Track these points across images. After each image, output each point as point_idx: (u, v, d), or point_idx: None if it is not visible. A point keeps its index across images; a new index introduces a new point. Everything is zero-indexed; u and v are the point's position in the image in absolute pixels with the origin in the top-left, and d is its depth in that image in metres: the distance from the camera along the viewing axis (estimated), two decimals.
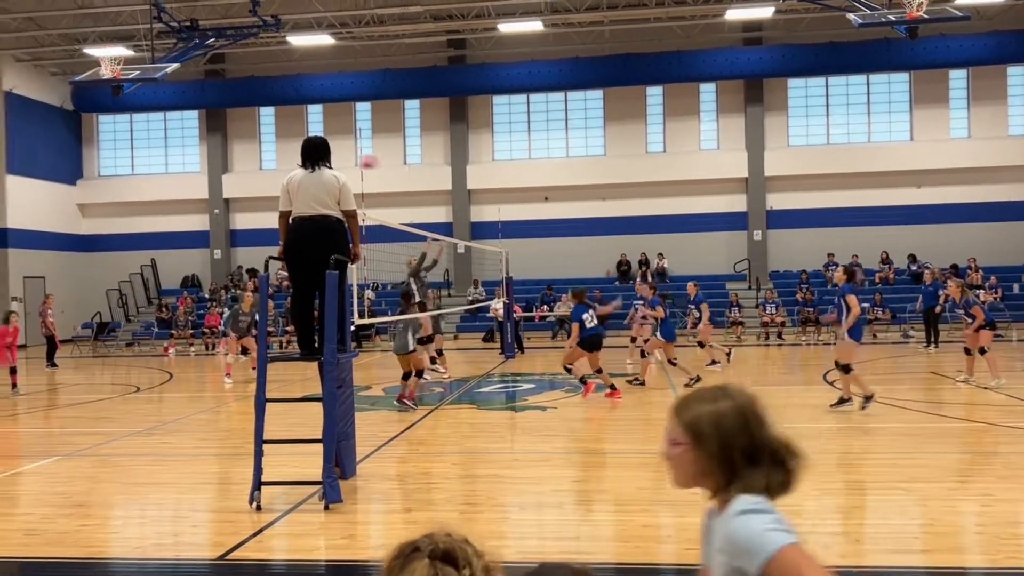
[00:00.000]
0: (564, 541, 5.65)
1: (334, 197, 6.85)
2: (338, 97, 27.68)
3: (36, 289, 26.66)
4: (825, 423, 9.86)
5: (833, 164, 26.88)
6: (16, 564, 5.45)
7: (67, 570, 5.33)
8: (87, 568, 5.42)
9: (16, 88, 26.78)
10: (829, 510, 6.18)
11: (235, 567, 5.30)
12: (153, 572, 5.34)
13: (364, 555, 5.55)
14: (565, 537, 5.73)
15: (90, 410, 12.75)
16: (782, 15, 24.40)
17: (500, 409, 11.83)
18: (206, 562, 5.41)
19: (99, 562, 5.56)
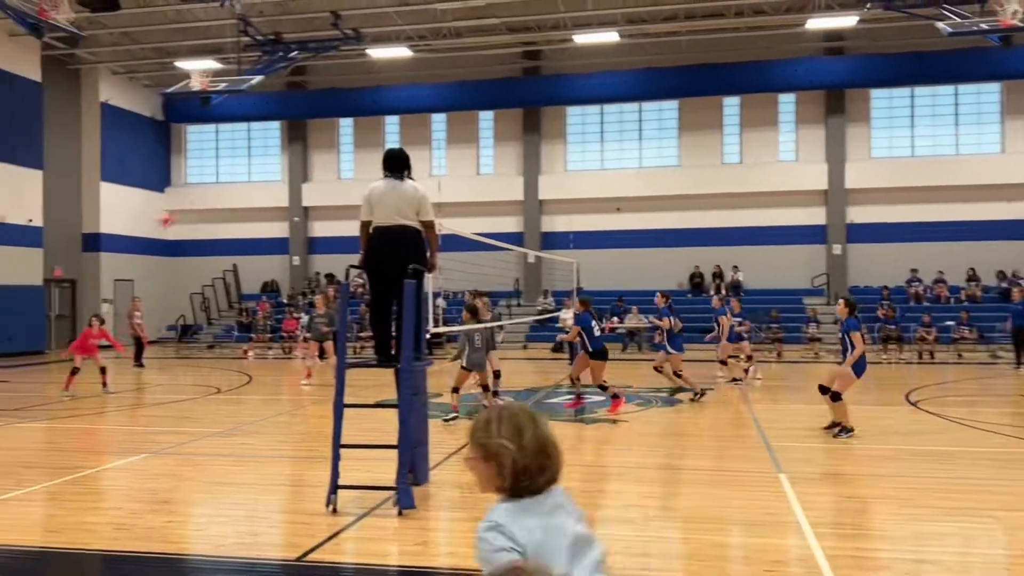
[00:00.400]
0: (633, 557, 5.59)
1: (413, 208, 6.97)
2: (415, 108, 28.16)
3: (125, 292, 27.84)
4: (906, 446, 9.53)
5: (918, 177, 26.02)
6: (107, 557, 5.69)
7: (155, 565, 5.54)
8: (174, 564, 5.62)
9: (111, 99, 28.08)
10: (916, 537, 5.97)
11: (313, 569, 5.42)
12: (236, 571, 5.50)
13: (437, 562, 5.61)
14: (634, 553, 5.67)
15: (174, 410, 13.22)
16: (866, 24, 23.78)
17: (569, 421, 11.79)
18: (286, 563, 5.54)
19: (185, 558, 5.77)
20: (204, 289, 29.49)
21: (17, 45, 23.89)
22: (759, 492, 7.32)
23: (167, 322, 28.29)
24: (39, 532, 6.28)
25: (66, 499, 7.23)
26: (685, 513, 6.65)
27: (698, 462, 8.63)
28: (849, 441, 9.95)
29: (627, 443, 9.94)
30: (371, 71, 28.35)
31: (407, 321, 6.71)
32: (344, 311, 7.28)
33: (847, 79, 25.42)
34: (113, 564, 5.62)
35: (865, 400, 14.43)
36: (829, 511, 6.75)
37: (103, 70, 27.65)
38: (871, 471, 8.21)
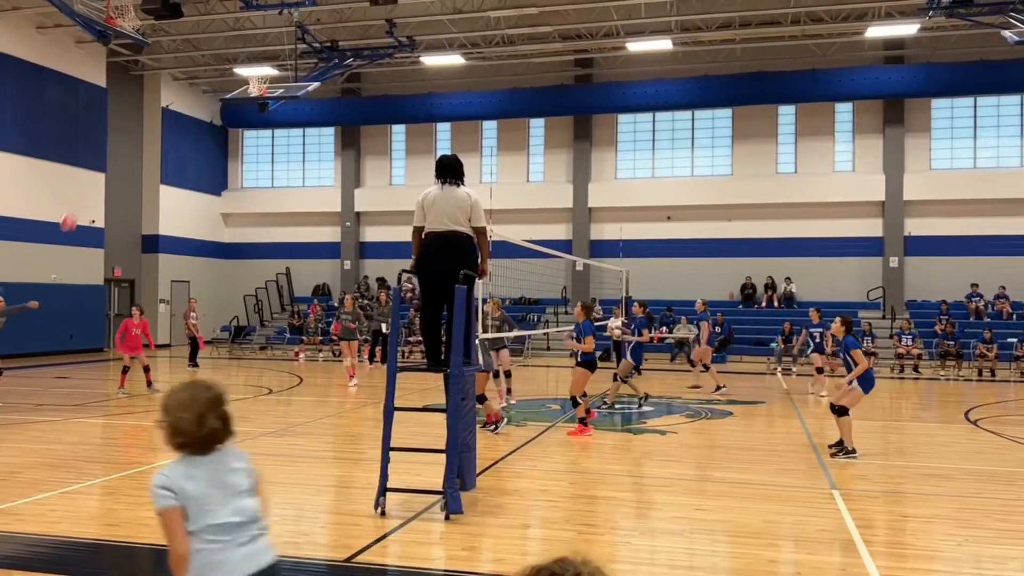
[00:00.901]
0: (679, 570, 5.52)
1: (465, 214, 7.01)
2: (466, 115, 28.35)
3: (182, 292, 28.52)
4: (965, 465, 9.25)
5: (980, 189, 25.31)
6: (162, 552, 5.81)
7: None
8: None
9: (172, 104, 28.84)
10: (974, 559, 5.79)
11: (361, 570, 5.46)
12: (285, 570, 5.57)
13: (484, 568, 5.61)
14: (679, 566, 5.60)
15: None
16: (928, 32, 23.25)
17: (617, 431, 11.71)
18: (334, 563, 5.60)
19: None
20: (257, 291, 30.04)
21: (84, 51, 24.70)
22: (812, 508, 7.17)
23: (221, 323, 28.88)
24: (98, 525, 6.45)
25: (123, 493, 7.41)
26: (734, 527, 6.55)
27: (748, 476, 8.49)
28: (905, 459, 9.70)
29: (675, 455, 9.83)
30: (424, 78, 28.62)
31: (457, 326, 6.74)
32: (396, 315, 7.34)
33: (907, 88, 24.85)
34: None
35: (924, 417, 14.08)
36: (884, 530, 6.59)
37: (165, 76, 28.42)
38: (928, 490, 7.99)
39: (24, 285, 22.77)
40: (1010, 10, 18.66)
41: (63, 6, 17.83)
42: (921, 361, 21.67)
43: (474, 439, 7.65)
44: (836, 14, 22.48)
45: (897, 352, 21.82)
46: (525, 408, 13.66)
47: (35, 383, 16.81)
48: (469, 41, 25.00)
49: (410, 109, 28.54)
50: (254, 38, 25.11)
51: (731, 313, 25.95)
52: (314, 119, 29.72)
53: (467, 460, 7.45)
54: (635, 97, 26.56)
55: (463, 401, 7.07)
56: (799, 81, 25.19)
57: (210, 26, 24.23)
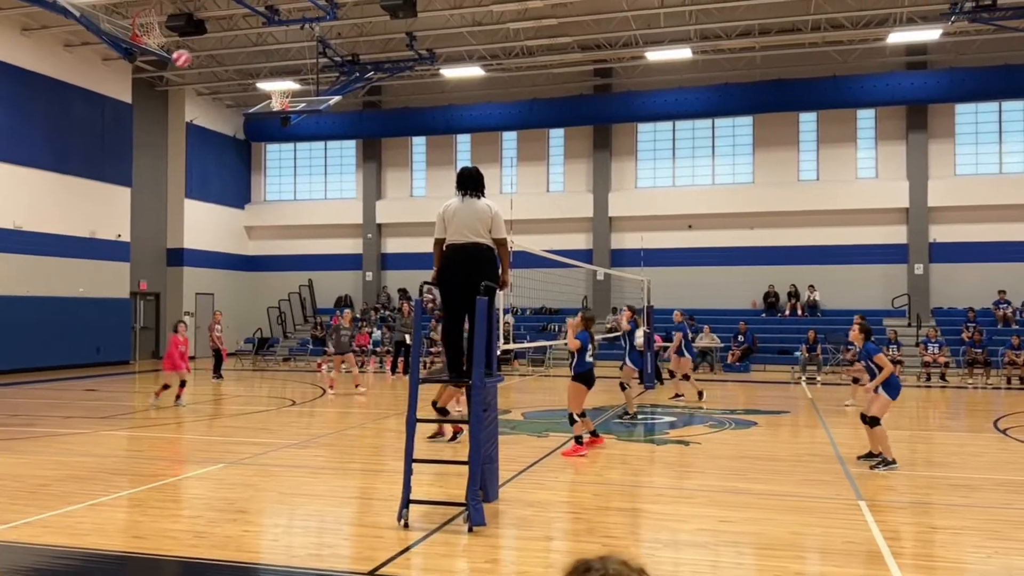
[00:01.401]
0: None
1: (486, 226, 7.04)
2: (486, 127, 28.46)
3: (206, 305, 28.80)
4: (995, 475, 9.11)
5: (1006, 195, 24.99)
6: (187, 564, 5.86)
7: (232, 573, 5.68)
8: (250, 573, 5.76)
9: (196, 119, 29.20)
10: (1005, 571, 5.69)
11: None
12: None
13: None
14: None
15: (251, 421, 13.57)
16: (950, 37, 23.05)
17: (640, 441, 11.66)
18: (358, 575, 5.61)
19: (261, 568, 5.90)
20: (280, 303, 30.26)
21: (109, 68, 25.10)
22: (838, 519, 7.10)
23: (245, 335, 29.11)
24: (125, 537, 6.52)
25: (149, 506, 7.48)
26: (760, 539, 6.49)
27: (773, 486, 8.41)
28: (932, 469, 9.57)
29: (699, 465, 9.76)
30: (444, 90, 28.78)
31: (478, 338, 6.75)
32: (418, 326, 7.37)
33: (930, 94, 24.62)
34: (193, 571, 5.79)
35: (952, 427, 13.89)
36: (912, 541, 6.50)
37: (189, 91, 28.80)
38: (957, 501, 7.87)
39: (52, 299, 23.13)
40: None
41: (90, 25, 18.14)
42: (948, 369, 21.39)
43: (496, 450, 7.65)
44: (857, 20, 22.35)
45: (924, 360, 21.56)
46: (546, 419, 13.63)
47: (63, 396, 17.03)
48: (488, 53, 25.12)
49: (430, 121, 28.69)
50: (276, 53, 25.40)
51: (754, 322, 25.79)
52: (336, 132, 29.97)
53: (490, 471, 7.45)
54: (655, 106, 26.53)
55: (485, 412, 7.08)
56: (820, 88, 25.05)
57: (233, 42, 24.53)
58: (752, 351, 24.60)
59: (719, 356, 24.53)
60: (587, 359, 10.34)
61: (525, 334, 25.45)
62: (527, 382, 21.33)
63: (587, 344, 10.37)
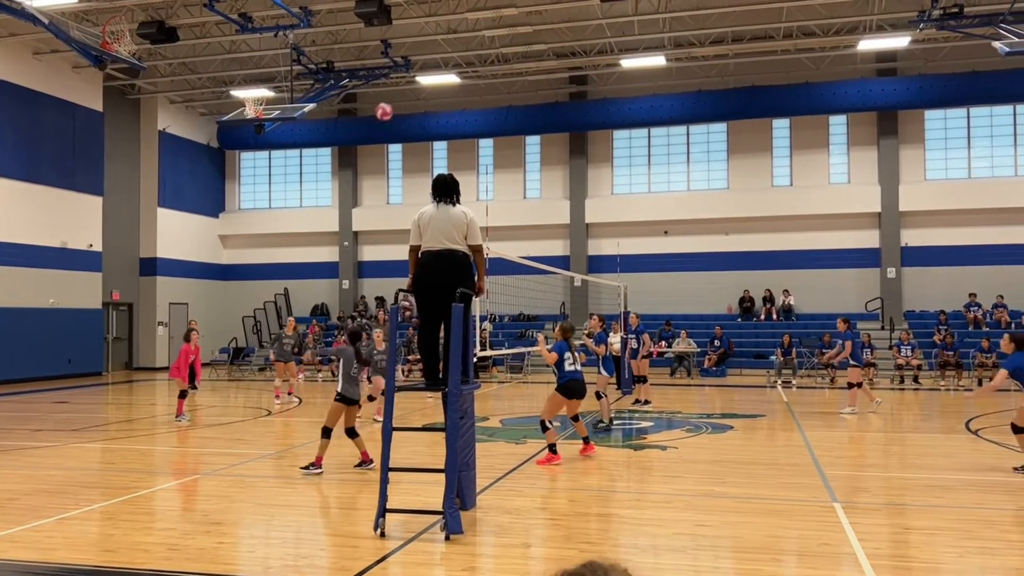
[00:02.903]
0: None
1: (462, 232, 7.03)
2: (462, 134, 28.45)
3: (180, 315, 28.49)
4: (967, 475, 9.22)
5: (975, 199, 25.38)
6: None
7: None
8: None
9: (169, 127, 28.94)
10: (978, 571, 5.75)
11: None
12: None
13: None
14: None
15: (226, 431, 13.43)
16: (919, 44, 23.40)
17: (617, 447, 11.67)
18: None
19: None
20: (256, 312, 30.02)
21: (80, 76, 24.82)
22: (813, 522, 7.14)
23: (220, 345, 28.83)
24: (96, 551, 6.41)
25: (121, 519, 7.36)
26: (737, 543, 6.51)
27: (750, 490, 8.46)
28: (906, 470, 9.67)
29: (676, 470, 9.79)
30: (420, 97, 28.75)
31: (454, 345, 6.73)
32: (393, 334, 7.33)
33: (900, 100, 24.97)
34: None
35: (925, 428, 14.04)
36: (887, 543, 6.55)
37: (161, 99, 28.54)
38: (930, 501, 7.95)
39: (22, 310, 22.78)
40: (1000, 22, 18.80)
41: (59, 32, 17.93)
42: (921, 371, 21.64)
43: (474, 458, 7.63)
44: (828, 28, 22.63)
45: (897, 363, 21.80)
46: (525, 425, 13.62)
47: (33, 408, 16.75)
48: (464, 60, 25.15)
49: (406, 128, 28.63)
50: (250, 60, 25.25)
51: (730, 327, 25.97)
52: (311, 140, 29.83)
53: (467, 479, 7.42)
54: (630, 113, 26.68)
55: (462, 420, 7.05)
56: (793, 95, 25.32)
57: (206, 49, 24.36)
58: (728, 355, 24.76)
59: (696, 361, 24.66)
60: (568, 368, 10.08)
61: (503, 341, 25.44)
62: (505, 389, 21.31)
63: (563, 354, 10.15)
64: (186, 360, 14.51)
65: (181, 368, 14.43)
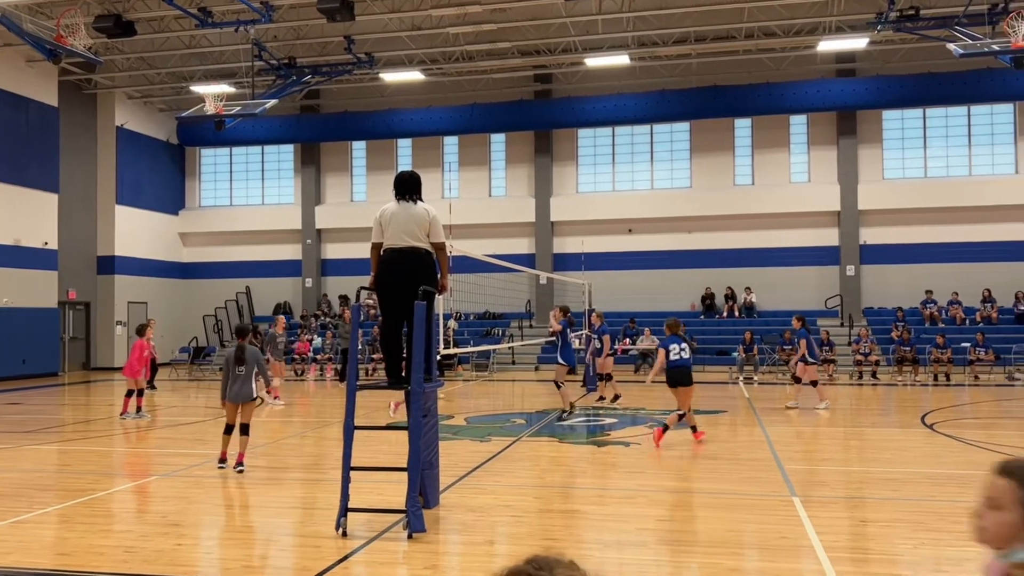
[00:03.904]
0: None
1: (424, 230, 6.99)
2: (427, 131, 28.34)
3: (139, 314, 28.00)
4: (923, 468, 9.41)
5: (931, 198, 25.91)
6: None
7: None
8: None
9: (127, 123, 28.42)
10: (933, 561, 5.87)
11: None
12: None
13: None
14: None
15: (185, 432, 13.23)
16: (877, 46, 23.81)
17: (582, 443, 11.72)
18: None
19: None
20: (217, 311, 29.62)
21: (34, 71, 24.26)
22: (773, 516, 7.23)
23: (180, 344, 28.39)
24: (50, 555, 6.27)
25: (77, 521, 7.22)
26: (698, 537, 6.58)
27: (711, 485, 8.54)
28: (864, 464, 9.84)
29: (639, 466, 9.86)
30: (384, 95, 28.58)
31: (417, 342, 6.70)
32: (355, 332, 7.27)
33: (859, 100, 25.41)
34: None
35: (883, 423, 14.29)
36: (844, 535, 6.66)
37: (119, 94, 28.01)
38: (887, 494, 8.10)
39: None
40: (955, 24, 19.20)
41: (11, 25, 17.50)
42: (879, 367, 22.05)
43: (437, 456, 7.60)
44: (788, 28, 22.93)
45: (856, 359, 22.18)
46: (489, 423, 13.61)
47: None
48: (428, 57, 25.04)
49: (370, 125, 28.45)
50: (210, 56, 24.89)
51: (693, 324, 26.20)
52: (273, 136, 29.50)
53: (430, 477, 7.39)
54: (594, 112, 26.79)
55: (425, 418, 7.02)
56: (754, 94, 25.62)
57: (165, 44, 23.96)
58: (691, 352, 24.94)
59: None
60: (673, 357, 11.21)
61: (469, 339, 25.39)
62: (471, 387, 21.28)
63: (669, 347, 11.18)
64: (140, 356, 14.31)
65: (134, 365, 14.23)
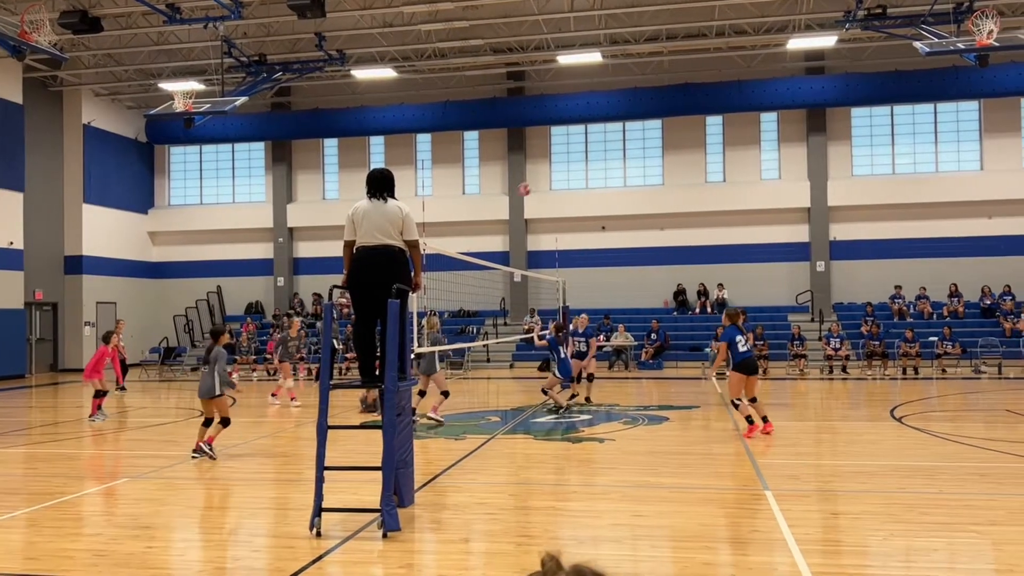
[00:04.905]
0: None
1: (397, 227, 6.96)
2: (399, 129, 28.22)
3: (108, 314, 27.62)
4: (892, 461, 9.55)
5: (899, 194, 26.28)
6: None
7: None
8: None
9: (94, 121, 27.98)
10: (903, 552, 5.96)
11: None
12: None
13: None
14: (623, 573, 5.63)
15: (156, 433, 13.08)
16: (845, 44, 24.10)
17: (556, 440, 11.74)
18: None
19: None
20: (187, 311, 29.29)
21: None
22: (745, 510, 7.31)
23: (150, 344, 28.04)
24: (18, 559, 6.17)
25: (45, 525, 7.11)
26: (672, 532, 6.62)
27: (684, 480, 8.61)
28: (835, 457, 9.96)
29: (613, 462, 9.90)
30: (356, 92, 28.41)
31: (390, 341, 6.67)
32: (328, 331, 7.22)
33: (828, 98, 25.69)
34: None
35: (853, 416, 14.48)
36: (816, 528, 6.74)
37: (86, 91, 27.57)
38: (857, 487, 8.21)
39: None
40: (921, 23, 19.49)
41: None
42: (849, 362, 22.33)
43: (411, 455, 7.58)
44: (758, 27, 23.13)
45: (826, 354, 22.44)
46: (464, 421, 13.60)
47: None
48: (400, 54, 24.93)
49: (342, 123, 28.27)
50: (179, 52, 24.58)
51: (666, 320, 26.37)
52: (243, 134, 29.20)
53: (404, 476, 7.37)
54: (567, 109, 26.84)
55: (399, 416, 7.00)
56: (725, 92, 25.81)
57: (132, 40, 23.62)
58: (665, 348, 25.14)
59: (633, 354, 24.98)
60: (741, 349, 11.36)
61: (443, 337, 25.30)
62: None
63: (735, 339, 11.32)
64: (100, 361, 14.22)
65: (95, 369, 14.16)
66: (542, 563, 1.66)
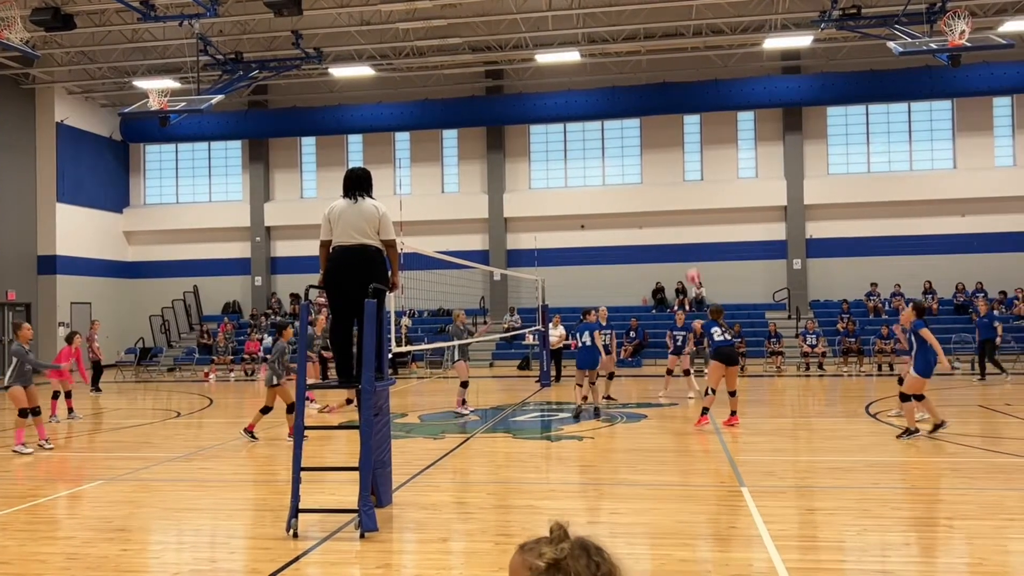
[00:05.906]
0: None
1: (374, 227, 6.93)
2: (378, 127, 28.10)
3: (83, 315, 27.28)
4: (867, 457, 9.65)
5: (874, 192, 26.55)
6: None
7: None
8: None
9: (68, 120, 27.61)
10: (878, 547, 6.03)
11: None
12: None
13: None
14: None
15: (132, 435, 12.95)
16: (821, 43, 24.29)
17: (535, 438, 11.76)
18: None
19: None
20: (164, 311, 29.01)
21: None
22: (722, 506, 7.35)
23: (126, 345, 27.74)
24: None
25: (17, 529, 7.01)
26: (650, 529, 6.65)
27: (662, 477, 8.65)
28: (811, 454, 10.06)
29: (592, 459, 9.93)
30: (333, 90, 28.26)
31: (368, 341, 6.65)
32: (303, 331, 7.18)
33: (804, 97, 25.90)
34: None
35: (829, 413, 14.62)
36: (791, 524, 6.80)
37: (59, 89, 27.20)
38: (832, 483, 8.29)
39: None
40: (895, 23, 19.68)
41: None
42: (825, 359, 22.53)
43: (389, 455, 7.56)
44: (735, 26, 23.26)
45: (803, 351, 22.63)
46: (443, 421, 13.58)
47: None
48: (378, 52, 24.82)
49: (320, 121, 28.11)
50: (154, 50, 24.31)
51: (645, 318, 26.45)
52: (220, 132, 28.93)
53: (382, 476, 7.35)
54: (545, 108, 26.85)
55: (377, 416, 6.98)
56: (702, 91, 25.94)
57: (106, 38, 23.34)
58: (644, 346, 25.21)
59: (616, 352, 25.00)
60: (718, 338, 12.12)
61: (422, 336, 25.28)
62: (425, 384, 21.21)
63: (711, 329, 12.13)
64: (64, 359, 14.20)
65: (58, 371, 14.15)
66: (550, 531, 1.71)
